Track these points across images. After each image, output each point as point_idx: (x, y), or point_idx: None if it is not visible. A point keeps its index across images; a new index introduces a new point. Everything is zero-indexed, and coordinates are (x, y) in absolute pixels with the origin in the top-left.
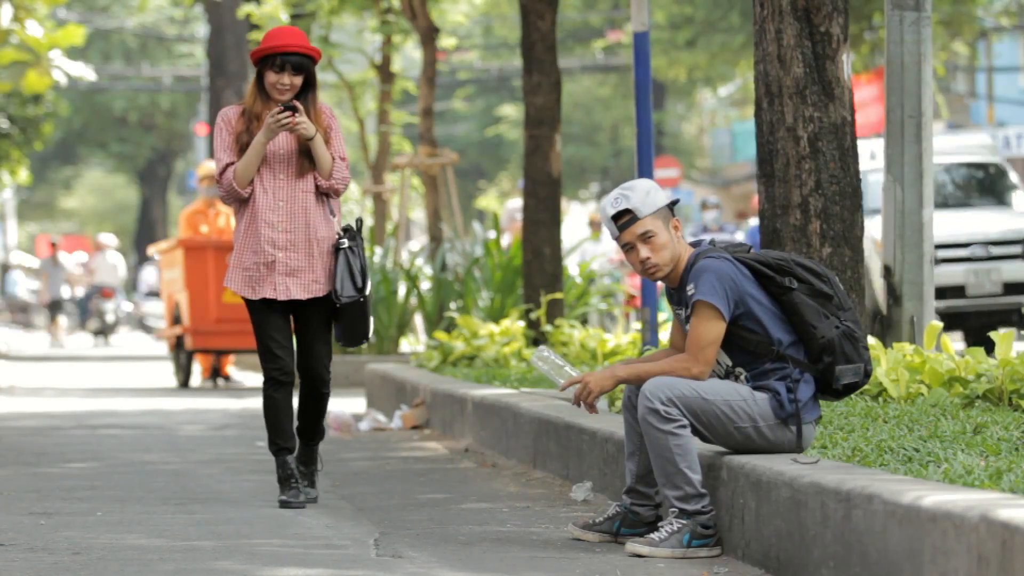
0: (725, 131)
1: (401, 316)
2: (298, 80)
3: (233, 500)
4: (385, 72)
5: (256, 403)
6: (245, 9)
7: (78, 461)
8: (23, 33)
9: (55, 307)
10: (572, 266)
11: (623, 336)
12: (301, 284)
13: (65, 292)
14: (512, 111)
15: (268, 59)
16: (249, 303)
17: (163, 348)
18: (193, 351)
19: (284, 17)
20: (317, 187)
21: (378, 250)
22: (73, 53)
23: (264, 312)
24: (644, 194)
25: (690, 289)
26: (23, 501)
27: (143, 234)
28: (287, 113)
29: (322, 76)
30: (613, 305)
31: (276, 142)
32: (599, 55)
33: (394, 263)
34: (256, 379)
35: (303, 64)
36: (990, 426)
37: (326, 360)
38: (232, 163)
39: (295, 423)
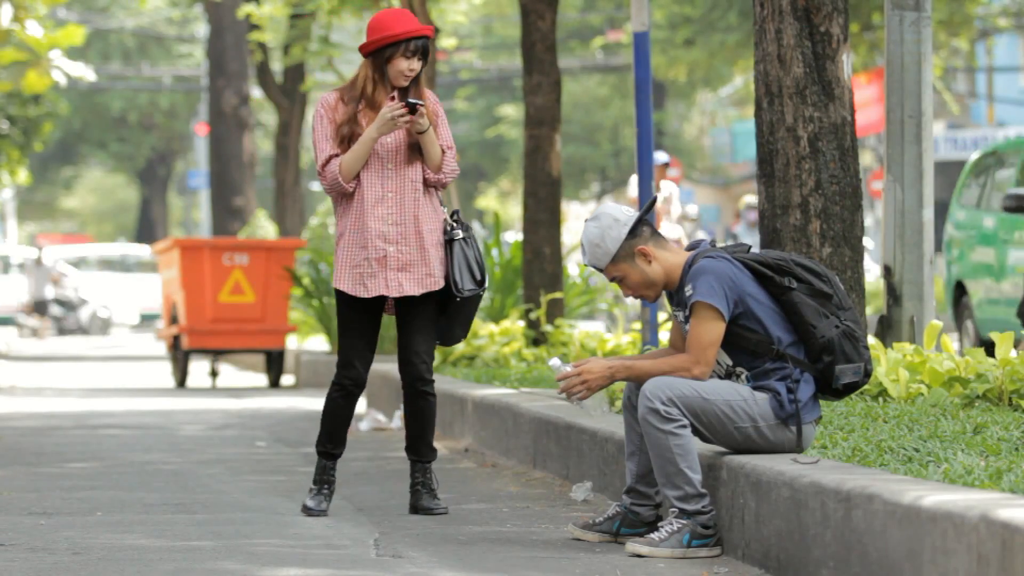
0: (725, 131)
1: None
2: (420, 64)
3: (233, 500)
4: None
5: (256, 403)
6: (245, 9)
7: (78, 461)
8: (23, 33)
9: (40, 307)
10: (572, 267)
11: (623, 336)
12: (414, 279)
13: (48, 293)
14: (512, 111)
15: (399, 45)
16: (344, 301)
17: (163, 348)
18: (190, 351)
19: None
20: (425, 179)
21: None
22: (72, 53)
23: (358, 314)
24: (594, 247)
25: (688, 290)
26: (23, 501)
27: (143, 234)
28: (405, 110)
29: (322, 76)
30: (613, 305)
31: None
32: (599, 55)
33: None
34: (253, 379)
35: (428, 47)
36: (990, 426)
37: (430, 358)
38: (335, 155)
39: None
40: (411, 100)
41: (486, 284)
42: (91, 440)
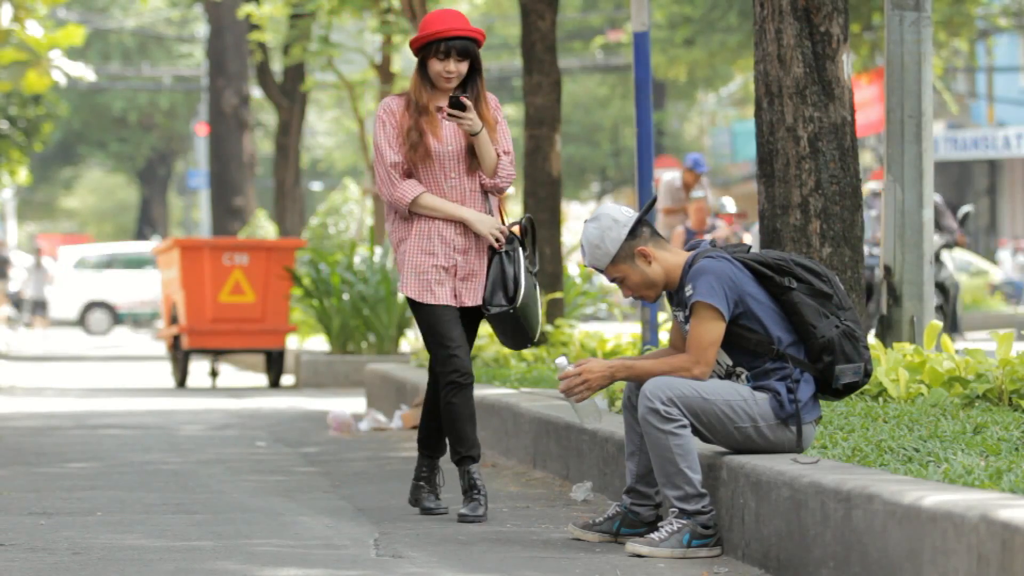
0: (725, 131)
1: (401, 316)
2: (464, 66)
3: (233, 500)
4: (385, 72)
5: (256, 403)
6: (245, 9)
7: (78, 461)
8: (23, 33)
9: (38, 306)
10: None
11: (623, 336)
12: (475, 289)
13: (48, 293)
14: (512, 111)
15: (431, 46)
16: (419, 306)
17: (163, 348)
18: (190, 351)
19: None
20: (481, 184)
21: (378, 250)
22: (72, 53)
23: (437, 313)
24: (594, 248)
25: (688, 290)
26: (23, 501)
27: (143, 234)
28: (503, 237)
29: (322, 76)
30: (612, 306)
31: (447, 138)
32: (599, 55)
33: (394, 263)
34: (253, 379)
35: (469, 48)
36: (990, 426)
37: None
38: (400, 163)
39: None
40: (455, 95)
41: (517, 303)
42: (91, 440)
